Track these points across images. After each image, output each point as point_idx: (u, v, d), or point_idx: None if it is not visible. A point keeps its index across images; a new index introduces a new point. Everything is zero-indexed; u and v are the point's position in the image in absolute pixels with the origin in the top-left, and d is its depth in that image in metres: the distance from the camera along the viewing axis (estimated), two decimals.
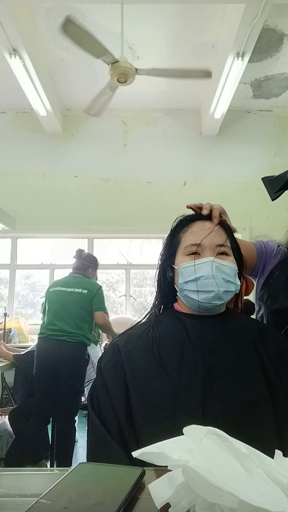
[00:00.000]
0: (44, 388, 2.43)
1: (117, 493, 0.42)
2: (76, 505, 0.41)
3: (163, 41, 3.46)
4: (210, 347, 0.77)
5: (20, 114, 4.63)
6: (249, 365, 0.75)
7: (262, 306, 1.08)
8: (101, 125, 4.55)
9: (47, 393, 2.42)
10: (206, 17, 3.20)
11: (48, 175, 4.51)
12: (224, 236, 0.86)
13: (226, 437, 0.43)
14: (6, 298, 4.54)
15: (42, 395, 2.44)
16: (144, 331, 0.83)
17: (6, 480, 0.52)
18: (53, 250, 4.76)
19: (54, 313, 2.54)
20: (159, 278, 0.91)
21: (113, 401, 0.73)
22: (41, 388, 2.44)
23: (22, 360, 2.59)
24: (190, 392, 0.70)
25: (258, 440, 0.52)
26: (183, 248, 0.85)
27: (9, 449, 2.54)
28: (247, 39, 3.01)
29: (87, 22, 3.19)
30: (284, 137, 4.66)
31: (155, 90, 4.18)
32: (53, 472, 0.54)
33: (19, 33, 3.01)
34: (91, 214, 4.44)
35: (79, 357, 2.52)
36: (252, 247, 1.10)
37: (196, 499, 0.38)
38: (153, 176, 4.53)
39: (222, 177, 4.52)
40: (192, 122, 4.64)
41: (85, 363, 2.59)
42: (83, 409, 2.90)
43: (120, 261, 4.69)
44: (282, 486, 0.37)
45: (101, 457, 0.67)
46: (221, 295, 0.80)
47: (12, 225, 3.22)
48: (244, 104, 4.52)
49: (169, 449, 0.42)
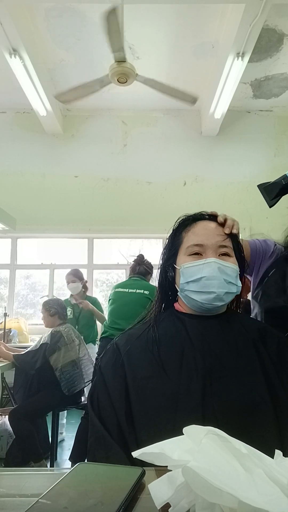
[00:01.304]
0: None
1: (117, 493, 0.42)
2: (76, 505, 0.41)
3: (163, 41, 3.46)
4: (211, 347, 0.77)
5: (20, 114, 4.63)
6: (250, 366, 0.75)
7: (256, 305, 1.09)
8: (101, 125, 4.55)
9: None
10: (206, 17, 3.20)
11: (48, 175, 4.51)
12: (226, 237, 0.86)
13: (226, 437, 0.43)
14: (6, 298, 4.54)
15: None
16: (144, 331, 0.83)
17: (6, 480, 0.52)
18: (53, 250, 4.76)
19: (116, 313, 2.61)
20: (160, 278, 0.91)
21: (113, 401, 0.72)
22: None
23: (22, 360, 2.59)
24: (190, 392, 0.70)
25: (258, 441, 0.52)
26: (185, 248, 0.85)
27: (9, 449, 2.54)
28: (247, 39, 3.01)
29: (87, 22, 3.20)
30: (284, 137, 4.65)
31: (155, 90, 4.18)
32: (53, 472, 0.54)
33: (19, 33, 3.01)
34: (91, 214, 4.43)
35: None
36: (247, 245, 1.10)
37: (196, 499, 0.38)
38: (153, 176, 4.52)
39: (222, 177, 4.51)
40: (192, 122, 4.64)
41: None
42: (83, 409, 2.90)
43: (120, 261, 4.69)
44: (282, 486, 0.37)
45: (101, 457, 0.67)
46: (223, 296, 0.79)
47: (12, 225, 3.22)
48: (244, 104, 4.52)
49: (169, 449, 0.42)
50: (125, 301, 2.63)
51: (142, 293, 2.66)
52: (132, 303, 2.61)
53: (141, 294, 2.66)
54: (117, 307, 2.62)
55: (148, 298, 2.70)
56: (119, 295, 2.69)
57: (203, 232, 0.85)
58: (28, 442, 2.39)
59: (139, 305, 2.61)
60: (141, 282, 2.78)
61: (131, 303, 2.62)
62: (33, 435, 2.42)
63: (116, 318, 2.57)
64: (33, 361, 2.49)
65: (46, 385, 2.55)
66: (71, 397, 2.59)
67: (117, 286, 2.79)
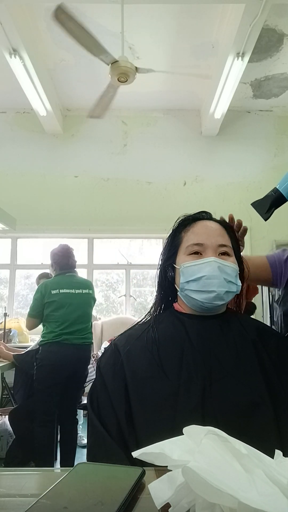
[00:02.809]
0: (56, 394, 2.40)
1: (117, 493, 0.42)
2: (76, 505, 0.41)
3: (163, 41, 3.46)
4: (210, 347, 0.77)
5: (20, 114, 4.63)
6: (249, 366, 0.75)
7: (277, 308, 1.12)
8: (101, 125, 4.54)
9: (55, 399, 2.41)
10: (206, 17, 3.20)
11: (48, 175, 4.51)
12: (226, 237, 0.86)
13: (226, 437, 0.43)
14: (6, 298, 4.54)
15: (52, 401, 2.40)
16: (144, 332, 0.83)
17: (6, 480, 0.52)
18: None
19: (68, 317, 2.48)
20: (159, 278, 0.91)
21: (112, 402, 0.72)
22: (51, 394, 2.39)
23: (22, 360, 2.59)
24: (189, 393, 0.70)
25: (258, 441, 0.52)
26: (184, 248, 0.85)
27: (9, 449, 2.54)
28: (247, 39, 3.01)
29: (87, 22, 3.19)
30: (284, 137, 4.65)
31: (155, 90, 4.18)
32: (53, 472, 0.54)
33: (19, 33, 3.01)
34: (91, 214, 4.43)
35: (87, 358, 2.58)
36: (264, 259, 1.14)
37: (196, 499, 0.38)
38: (153, 176, 4.52)
39: (222, 177, 4.51)
40: (192, 122, 4.64)
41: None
42: (83, 409, 2.91)
43: (120, 261, 4.69)
44: (282, 486, 0.37)
45: (101, 457, 0.67)
46: (223, 295, 0.79)
47: (12, 225, 3.22)
48: (244, 104, 4.52)
49: (169, 449, 0.42)
50: (77, 304, 2.51)
51: (88, 293, 2.59)
52: (85, 305, 2.56)
53: (87, 294, 2.59)
54: (71, 311, 2.48)
55: (93, 297, 2.65)
56: (65, 296, 2.50)
57: (202, 232, 0.85)
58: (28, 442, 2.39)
59: (88, 306, 2.59)
60: (81, 280, 2.68)
61: (83, 305, 2.55)
62: (33, 435, 2.43)
63: (73, 323, 2.46)
64: (33, 361, 2.49)
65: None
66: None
67: (56, 285, 2.53)
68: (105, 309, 4.79)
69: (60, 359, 2.40)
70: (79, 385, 2.52)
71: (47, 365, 2.41)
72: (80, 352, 2.47)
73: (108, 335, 3.92)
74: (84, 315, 2.56)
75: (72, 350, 2.43)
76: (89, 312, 2.62)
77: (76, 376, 2.48)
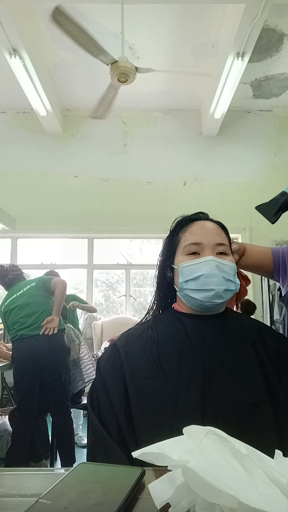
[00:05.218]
0: (32, 388, 2.41)
1: (117, 493, 0.42)
2: (76, 505, 0.41)
3: (163, 41, 3.46)
4: (210, 347, 0.77)
5: (20, 114, 4.63)
6: (249, 366, 0.75)
7: (283, 307, 1.10)
8: (101, 125, 4.54)
9: (30, 393, 2.40)
10: (206, 17, 3.20)
11: (48, 175, 4.51)
12: (223, 236, 0.87)
13: (226, 437, 0.43)
14: None
15: (28, 397, 2.40)
16: (143, 332, 0.83)
17: (6, 480, 0.52)
18: (53, 250, 4.76)
19: (18, 316, 2.50)
20: (158, 279, 0.91)
21: (112, 402, 0.73)
22: (25, 389, 2.41)
23: None
24: (189, 393, 0.70)
25: (258, 441, 0.52)
26: (182, 248, 0.85)
27: (9, 449, 2.54)
28: (247, 39, 3.01)
29: (87, 22, 3.19)
30: (284, 137, 4.65)
31: (155, 90, 4.18)
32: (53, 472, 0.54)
33: (19, 33, 3.01)
34: (91, 214, 4.44)
35: (58, 346, 2.48)
36: (268, 250, 1.12)
37: (196, 499, 0.38)
38: (153, 176, 4.53)
39: (222, 177, 4.52)
40: (192, 122, 4.64)
41: (67, 351, 2.56)
42: (83, 409, 2.90)
43: (120, 261, 4.69)
44: (282, 486, 0.37)
45: (100, 457, 0.67)
46: (222, 293, 0.80)
47: (12, 225, 3.22)
48: (244, 104, 4.52)
49: (169, 449, 0.42)
50: (22, 302, 2.53)
51: (29, 288, 2.59)
52: (30, 297, 2.55)
53: (29, 288, 2.58)
54: (18, 311, 2.50)
55: (38, 285, 2.60)
56: (10, 303, 2.56)
57: (200, 231, 0.85)
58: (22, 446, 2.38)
59: (35, 296, 2.56)
60: (22, 282, 2.68)
61: (29, 298, 2.55)
62: (33, 435, 2.42)
63: (24, 317, 2.46)
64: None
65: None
66: (71, 396, 2.59)
67: (4, 302, 2.63)
68: (105, 309, 4.79)
69: (21, 354, 2.42)
70: (58, 375, 2.43)
71: (14, 362, 2.46)
72: (44, 341, 2.41)
73: (108, 335, 3.93)
74: (32, 304, 2.52)
75: (31, 341, 2.41)
76: (38, 300, 2.55)
77: (50, 366, 2.41)
